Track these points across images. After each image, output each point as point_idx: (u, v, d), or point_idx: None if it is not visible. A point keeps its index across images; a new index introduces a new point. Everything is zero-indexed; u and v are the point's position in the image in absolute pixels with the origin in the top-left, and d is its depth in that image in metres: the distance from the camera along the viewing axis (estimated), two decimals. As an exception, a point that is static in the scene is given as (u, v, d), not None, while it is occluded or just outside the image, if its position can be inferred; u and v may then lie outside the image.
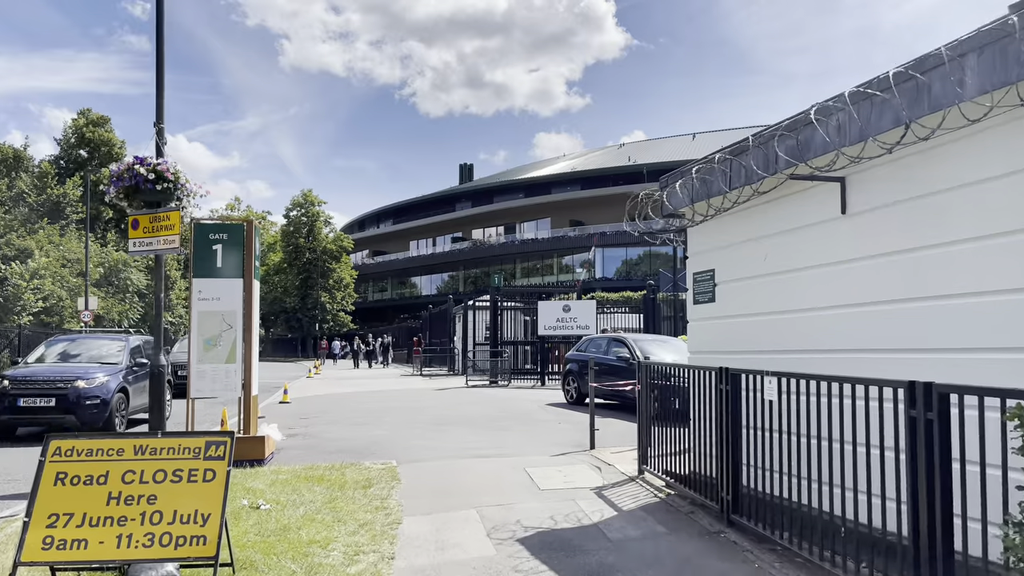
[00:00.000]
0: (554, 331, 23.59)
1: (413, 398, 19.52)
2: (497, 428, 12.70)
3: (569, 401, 16.09)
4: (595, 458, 9.81)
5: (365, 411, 16.27)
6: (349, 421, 14.30)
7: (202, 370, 9.97)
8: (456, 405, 16.99)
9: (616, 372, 14.36)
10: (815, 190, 5.88)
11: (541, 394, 19.92)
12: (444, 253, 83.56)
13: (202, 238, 10.05)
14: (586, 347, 16.06)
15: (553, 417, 14.05)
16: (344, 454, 10.44)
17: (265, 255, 74.12)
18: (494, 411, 15.29)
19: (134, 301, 35.92)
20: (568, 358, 16.47)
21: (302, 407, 17.65)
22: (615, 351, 14.93)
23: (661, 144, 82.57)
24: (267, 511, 6.92)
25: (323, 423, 14.15)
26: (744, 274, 6.91)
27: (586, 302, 23.97)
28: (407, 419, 14.30)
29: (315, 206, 67.74)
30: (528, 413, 14.74)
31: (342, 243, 69.40)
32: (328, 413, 16.17)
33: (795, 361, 5.99)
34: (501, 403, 17.12)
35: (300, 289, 67.02)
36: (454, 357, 32.65)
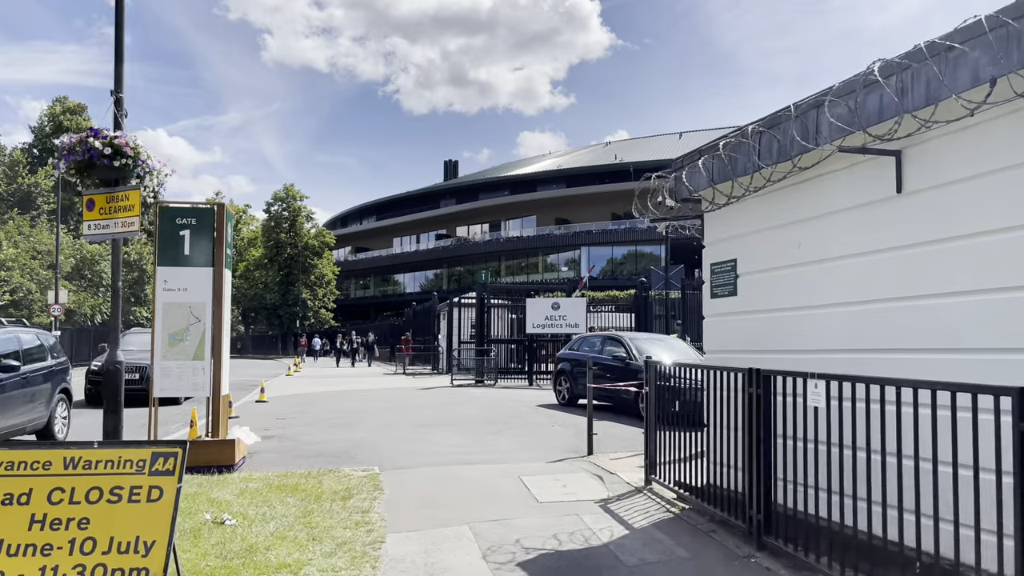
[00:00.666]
0: (543, 329, 22.84)
1: (396, 398, 18.70)
2: (486, 431, 11.92)
3: (561, 402, 15.35)
4: (595, 465, 9.05)
5: (345, 411, 15.43)
6: (328, 422, 13.47)
7: (167, 367, 9.12)
8: (442, 405, 16.20)
9: (612, 372, 13.64)
10: (863, 167, 5.16)
11: (530, 394, 19.15)
12: (428, 250, 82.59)
13: (168, 223, 9.20)
14: (579, 346, 15.31)
15: (545, 419, 13.29)
16: (322, 459, 9.63)
17: (245, 250, 72.84)
18: (482, 412, 14.51)
19: (108, 295, 34.75)
20: (560, 357, 15.72)
21: (279, 407, 16.79)
22: (610, 350, 14.20)
23: (647, 143, 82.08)
24: (232, 527, 6.10)
25: (301, 424, 13.31)
26: (772, 264, 6.18)
27: (576, 299, 23.23)
28: (390, 420, 13.49)
29: (297, 200, 66.56)
30: (518, 414, 13.98)
31: (324, 239, 68.26)
32: (306, 413, 15.32)
33: (834, 362, 5.26)
34: (489, 404, 16.35)
35: (281, 285, 65.81)
36: (439, 355, 31.82)
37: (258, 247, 69.68)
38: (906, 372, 4.45)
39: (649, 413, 7.62)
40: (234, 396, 20.31)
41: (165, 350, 9.13)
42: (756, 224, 6.36)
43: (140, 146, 7.69)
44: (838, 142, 4.85)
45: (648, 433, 7.67)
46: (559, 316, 22.55)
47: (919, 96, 4.27)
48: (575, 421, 12.93)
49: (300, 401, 18.26)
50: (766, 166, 5.45)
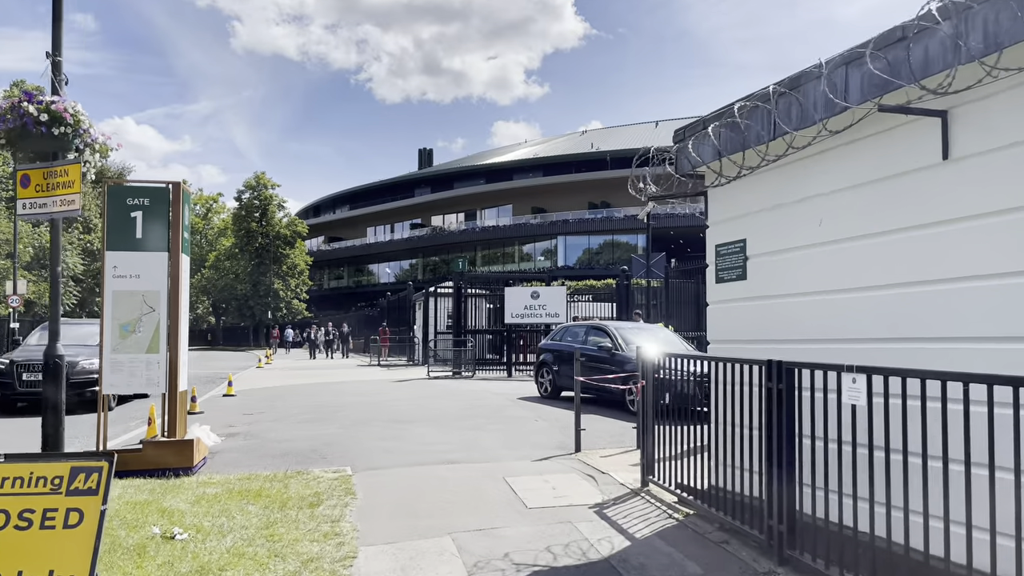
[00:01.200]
0: (522, 319, 22.19)
1: (371, 391, 17.97)
2: (466, 426, 11.25)
3: (543, 395, 14.73)
4: (584, 464, 8.44)
5: (316, 406, 14.69)
6: (298, 417, 12.73)
7: (117, 361, 8.33)
8: (418, 399, 15.51)
9: (597, 364, 13.03)
10: (900, 131, 4.55)
11: (510, 386, 18.52)
12: (402, 240, 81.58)
13: (118, 204, 8.39)
14: (562, 336, 14.69)
15: (528, 413, 12.65)
16: (290, 458, 8.91)
17: (216, 240, 71.32)
18: (461, 406, 13.85)
19: (69, 286, 33.53)
20: (542, 348, 15.09)
21: (247, 401, 16.00)
22: (595, 340, 13.58)
23: (623, 131, 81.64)
24: (183, 543, 5.39)
25: (269, 420, 12.56)
26: (788, 244, 5.57)
27: (556, 288, 22.61)
28: (364, 415, 12.77)
29: (268, 189, 65.19)
30: (499, 408, 13.33)
31: (296, 228, 66.99)
32: (275, 408, 14.56)
33: (863, 353, 4.67)
34: (467, 396, 15.68)
35: (252, 275, 64.48)
36: (414, 347, 31.09)
37: (229, 237, 68.25)
38: (952, 364, 3.87)
39: (646, 409, 7.00)
40: (200, 390, 19.45)
41: (115, 342, 8.34)
42: (769, 200, 5.74)
43: (81, 114, 6.89)
44: (876, 100, 4.23)
45: (644, 431, 7.06)
46: (539, 306, 21.92)
47: (977, 42, 3.66)
48: (559, 415, 12.33)
49: (270, 395, 17.47)
50: (789, 131, 4.82)
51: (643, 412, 7.02)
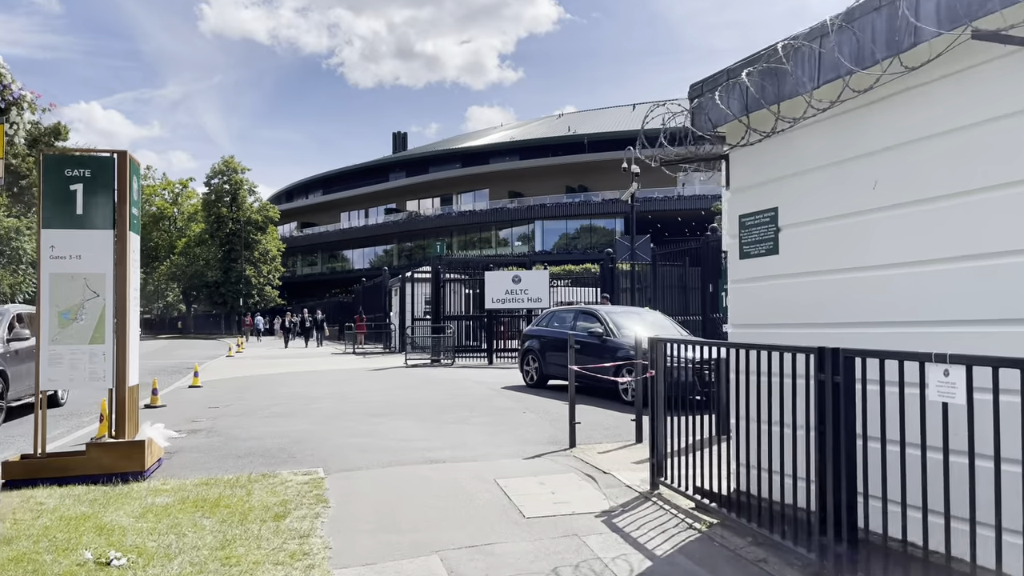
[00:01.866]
0: (503, 304, 21.37)
1: (346, 380, 17.07)
2: (450, 419, 10.42)
3: (529, 383, 13.93)
4: (582, 462, 7.65)
5: (288, 397, 13.78)
6: (267, 411, 11.82)
7: (57, 353, 7.38)
8: (396, 388, 14.64)
9: (587, 350, 12.26)
10: (986, 70, 3.76)
11: (492, 375, 17.71)
12: (377, 225, 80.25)
13: (55, 176, 7.42)
14: (548, 321, 13.88)
15: (514, 403, 11.84)
16: (256, 459, 8.04)
17: (186, 225, 69.54)
18: (442, 396, 13.01)
19: (28, 273, 32.08)
20: (527, 334, 14.28)
21: (214, 393, 15.05)
22: (584, 326, 12.79)
23: (600, 114, 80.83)
24: (120, 570, 4.51)
25: (235, 414, 11.64)
26: (832, 212, 4.78)
27: (538, 272, 21.80)
28: (338, 408, 11.90)
29: (238, 173, 63.51)
30: (483, 399, 12.50)
31: (268, 213, 65.43)
32: (244, 400, 13.63)
33: (935, 338, 3.91)
34: (448, 386, 14.85)
35: (223, 262, 62.88)
36: (391, 334, 30.17)
37: (199, 223, 66.53)
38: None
39: (656, 402, 6.21)
40: (165, 381, 18.42)
41: (54, 332, 7.38)
42: (807, 161, 4.94)
43: (3, 66, 5.90)
44: (964, 27, 3.42)
45: (655, 427, 6.27)
46: (520, 290, 21.11)
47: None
48: (548, 406, 11.53)
49: (238, 386, 16.51)
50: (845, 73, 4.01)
51: (653, 406, 6.23)
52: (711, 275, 15.80)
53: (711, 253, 15.90)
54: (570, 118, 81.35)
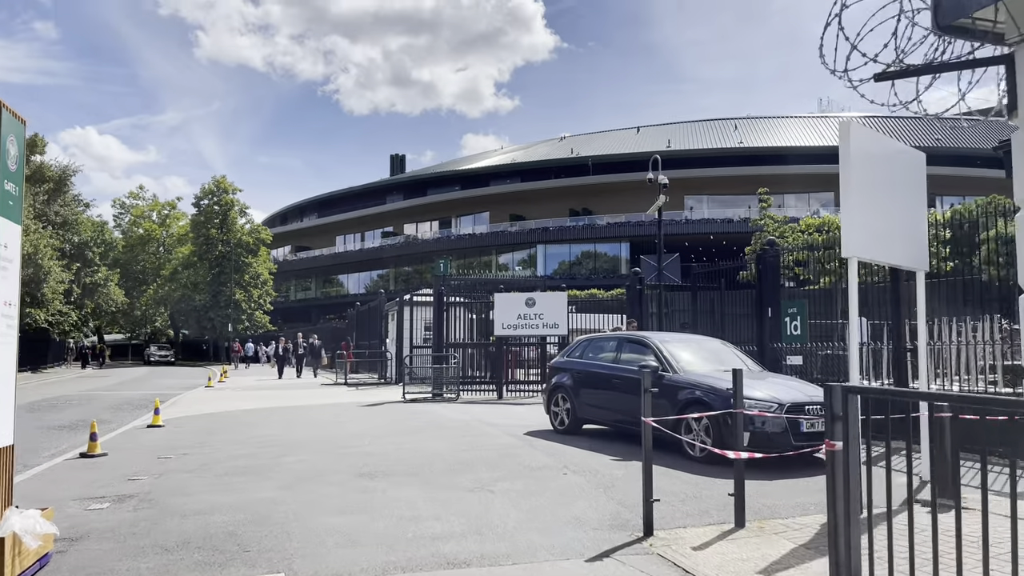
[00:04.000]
0: (514, 330, 18.80)
1: (334, 420, 14.44)
2: (467, 484, 7.80)
3: (559, 428, 11.30)
4: (676, 567, 5.06)
5: (260, 442, 11.18)
6: (230, 463, 9.22)
7: None
8: (395, 434, 12.02)
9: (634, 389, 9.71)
10: None
11: (506, 414, 15.10)
12: (373, 249, 77.82)
13: None
14: (583, 351, 11.29)
15: (548, 458, 9.21)
16: (191, 552, 5.46)
17: (174, 248, 67.00)
18: (453, 444, 10.39)
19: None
20: (556, 367, 11.66)
21: (175, 435, 12.45)
22: (631, 357, 10.22)
23: (604, 137, 78.89)
24: None
25: (188, 468, 9.04)
26: None
27: (555, 295, 19.26)
28: (320, 463, 9.28)
29: (229, 194, 61.09)
30: (506, 450, 9.87)
31: (259, 235, 62.91)
32: (206, 446, 11.04)
33: None
34: (458, 429, 12.23)
35: (212, 285, 60.22)
36: (387, 363, 27.53)
37: (187, 245, 63.99)
38: None
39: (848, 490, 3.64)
40: (122, 419, 15.80)
41: None
42: None
43: None
44: None
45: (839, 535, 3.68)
46: (534, 315, 18.55)
47: None
48: (593, 462, 8.91)
49: (206, 426, 13.89)
50: None
51: (842, 495, 3.66)
52: (770, 297, 13.28)
53: (770, 272, 13.40)
54: (573, 141, 79.38)
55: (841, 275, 13.02)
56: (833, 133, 70.90)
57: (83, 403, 19.78)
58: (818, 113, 78.96)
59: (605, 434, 10.92)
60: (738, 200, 65.42)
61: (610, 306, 25.57)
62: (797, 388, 8.90)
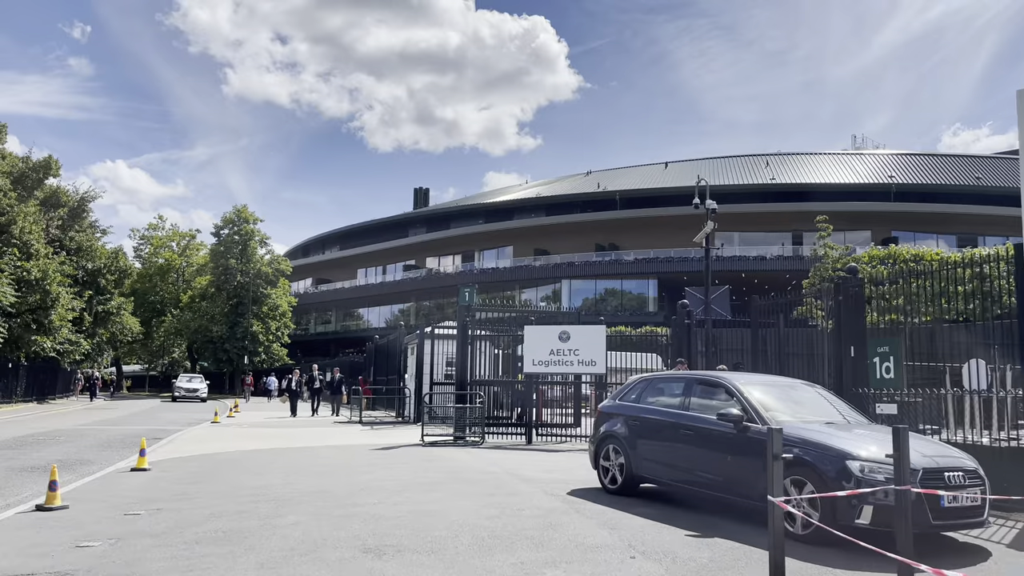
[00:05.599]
0: (546, 367, 16.92)
1: (341, 468, 12.58)
2: (504, 570, 5.89)
3: (609, 487, 9.30)
4: None
5: (251, 496, 9.35)
6: (206, 528, 7.38)
7: None
8: (411, 488, 10.13)
9: (714, 443, 7.81)
10: None
11: (540, 464, 13.17)
12: (395, 282, 76.40)
13: None
14: (640, 394, 9.35)
15: (605, 532, 7.23)
16: None
17: (193, 278, 66.02)
18: (480, 509, 8.48)
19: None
20: (607, 411, 9.70)
21: (157, 482, 10.69)
22: (703, 403, 8.28)
23: (631, 172, 77.44)
24: None
25: (156, 529, 7.24)
26: None
27: (592, 328, 17.37)
28: (318, 529, 7.41)
29: (249, 224, 60.12)
30: (549, 518, 7.90)
31: (279, 266, 61.71)
32: (187, 497, 9.25)
33: None
34: (486, 485, 10.31)
35: (229, 316, 58.91)
36: (405, 400, 25.69)
37: (206, 275, 62.94)
38: None
39: None
40: (108, 459, 14.03)
41: None
42: None
43: None
44: None
45: None
46: (569, 350, 16.68)
47: None
48: (664, 539, 6.91)
49: (197, 470, 12.11)
50: None
51: None
52: (853, 334, 11.34)
53: (851, 304, 11.47)
54: (599, 175, 77.95)
55: (945, 310, 11.06)
56: (869, 170, 68.88)
57: (72, 439, 18.09)
58: (852, 150, 77.02)
59: (669, 497, 8.96)
60: (770, 237, 63.41)
61: (639, 344, 23.63)
62: (932, 449, 6.94)
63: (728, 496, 7.74)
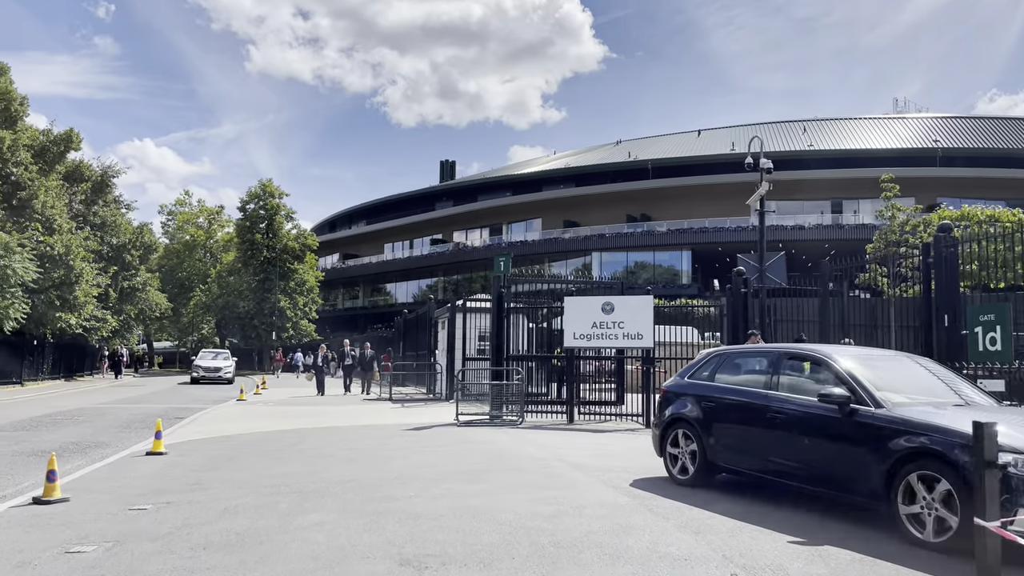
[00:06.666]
0: (588, 341, 15.71)
1: (374, 451, 11.54)
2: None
3: (679, 477, 8.07)
4: None
5: (271, 486, 8.31)
6: (215, 528, 6.34)
7: None
8: (451, 478, 9.03)
9: (813, 428, 6.56)
10: None
11: (589, 446, 12.04)
12: (422, 256, 75.45)
13: None
14: (714, 369, 8.05)
15: (689, 538, 6.01)
16: None
17: (220, 254, 65.52)
18: (535, 504, 7.33)
19: (16, 295, 27.47)
20: (674, 390, 8.42)
21: (172, 468, 9.74)
22: (796, 382, 7.00)
23: (663, 141, 75.40)
24: None
25: (159, 529, 6.21)
26: None
27: (639, 298, 16.10)
28: (346, 532, 6.31)
29: (275, 198, 59.22)
30: (617, 517, 6.70)
31: (306, 241, 60.87)
32: (201, 487, 8.26)
33: None
34: (536, 474, 9.17)
35: (256, 292, 58.29)
36: (436, 376, 24.67)
37: (232, 251, 62.33)
38: None
39: None
40: (125, 441, 13.10)
41: None
42: None
43: None
44: None
45: None
46: (613, 323, 15.44)
47: None
48: (765, 549, 5.67)
49: (217, 453, 11.15)
50: None
51: None
52: (947, 301, 9.97)
53: (945, 268, 10.08)
54: (629, 145, 76.01)
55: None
56: (913, 135, 66.19)
57: (91, 419, 17.29)
58: (894, 114, 74.17)
59: (749, 490, 7.73)
60: (807, 206, 61.29)
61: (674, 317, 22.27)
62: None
63: (827, 491, 6.50)
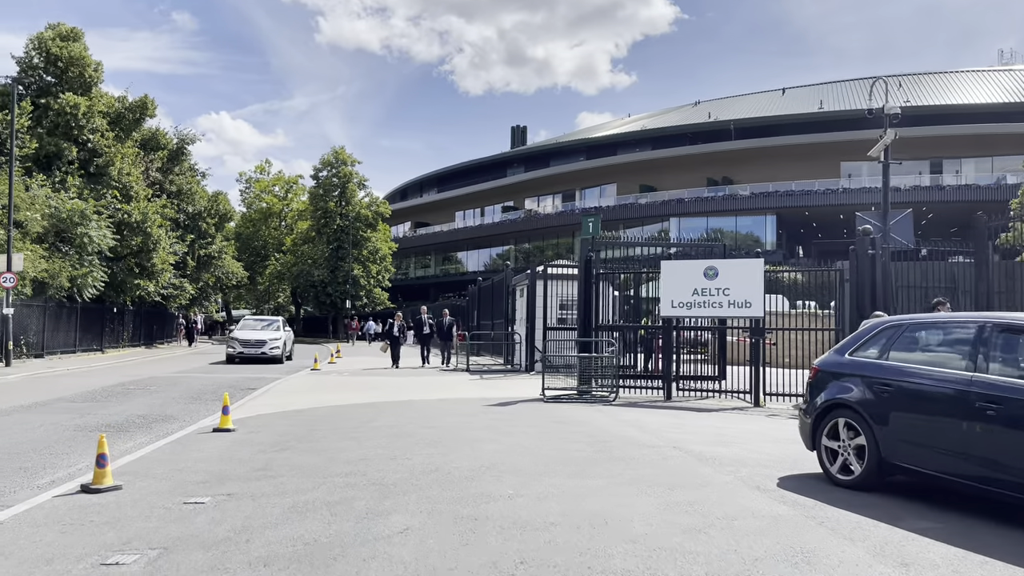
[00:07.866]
0: (689, 310, 14.17)
1: (458, 431, 10.34)
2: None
3: (839, 477, 6.46)
4: None
5: (346, 475, 7.17)
6: (279, 534, 5.20)
7: None
8: (554, 470, 7.73)
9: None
10: None
11: (702, 430, 10.59)
12: (493, 224, 74.29)
13: None
14: (884, 346, 6.41)
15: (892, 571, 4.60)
16: None
17: (295, 222, 65.81)
18: (669, 515, 5.95)
19: (93, 263, 27.44)
20: (829, 370, 6.77)
21: (239, 448, 8.76)
22: (1014, 361, 5.45)
23: (744, 101, 71.85)
24: None
25: (215, 534, 5.10)
26: None
27: (747, 261, 14.44)
28: (434, 550, 5.08)
29: (348, 166, 58.87)
30: (782, 537, 5.26)
31: (378, 209, 60.47)
32: (268, 476, 7.19)
33: None
34: (656, 470, 7.77)
35: (330, 260, 58.32)
36: (514, 347, 23.45)
37: (306, 219, 62.49)
38: None
39: None
40: (193, 414, 12.21)
41: None
42: None
43: None
44: None
45: None
46: (716, 289, 13.85)
47: None
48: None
49: (287, 431, 10.15)
50: None
51: None
52: None
53: None
54: (709, 105, 72.76)
55: None
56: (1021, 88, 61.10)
57: (163, 388, 16.72)
58: (999, 66, 68.71)
59: (940, 496, 6.14)
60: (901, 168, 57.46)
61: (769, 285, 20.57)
62: None
63: None
